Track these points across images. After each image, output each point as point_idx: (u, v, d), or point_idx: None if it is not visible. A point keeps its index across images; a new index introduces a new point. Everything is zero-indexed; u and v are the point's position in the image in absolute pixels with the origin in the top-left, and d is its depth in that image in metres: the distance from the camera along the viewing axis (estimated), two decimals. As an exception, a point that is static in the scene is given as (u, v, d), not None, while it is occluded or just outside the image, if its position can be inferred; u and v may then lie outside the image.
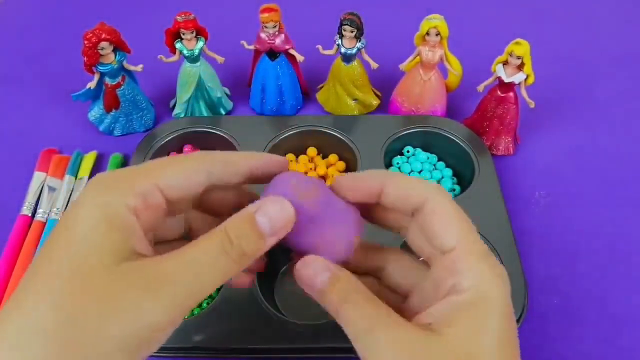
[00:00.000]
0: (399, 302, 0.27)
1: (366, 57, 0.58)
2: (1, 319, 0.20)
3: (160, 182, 0.23)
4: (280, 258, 0.49)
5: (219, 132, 0.56)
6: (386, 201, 0.26)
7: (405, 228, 0.27)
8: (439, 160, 0.57)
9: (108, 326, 0.20)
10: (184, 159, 0.25)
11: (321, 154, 0.58)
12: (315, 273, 0.24)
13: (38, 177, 0.54)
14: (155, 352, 0.43)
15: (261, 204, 0.24)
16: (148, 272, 0.21)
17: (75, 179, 0.55)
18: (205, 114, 0.61)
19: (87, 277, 0.20)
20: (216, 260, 0.22)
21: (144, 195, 0.23)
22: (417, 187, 0.25)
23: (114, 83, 0.56)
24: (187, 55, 0.57)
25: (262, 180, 0.27)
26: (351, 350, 0.39)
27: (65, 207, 0.52)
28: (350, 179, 0.26)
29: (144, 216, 0.23)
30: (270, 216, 0.23)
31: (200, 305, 0.46)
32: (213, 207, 0.28)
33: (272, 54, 0.58)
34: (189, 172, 0.24)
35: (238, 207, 0.25)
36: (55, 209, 0.51)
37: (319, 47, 0.58)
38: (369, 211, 0.28)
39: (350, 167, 0.55)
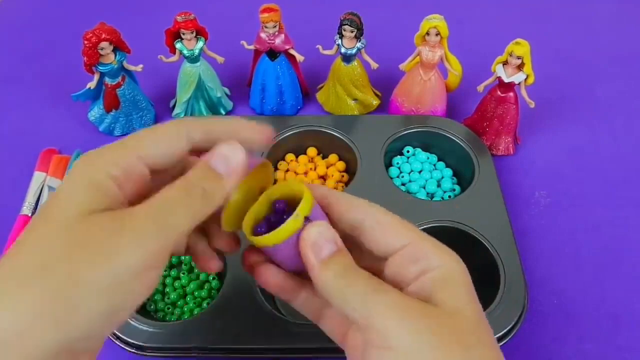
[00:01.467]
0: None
1: (366, 57, 0.58)
2: None
3: (142, 152, 0.25)
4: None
5: (219, 132, 0.56)
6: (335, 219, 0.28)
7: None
8: (439, 160, 0.57)
9: (80, 270, 0.21)
10: (163, 127, 0.26)
11: (321, 154, 0.58)
12: (323, 242, 0.25)
13: (38, 177, 0.54)
14: (155, 352, 0.43)
15: (214, 148, 0.26)
16: (119, 216, 0.22)
17: (75, 179, 0.55)
18: (205, 114, 0.61)
19: (62, 226, 0.22)
20: (181, 199, 0.24)
21: (126, 168, 0.24)
22: (357, 208, 0.27)
23: (114, 83, 0.56)
24: (187, 55, 0.57)
25: (243, 144, 0.28)
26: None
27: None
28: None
29: (128, 186, 0.24)
30: (224, 156, 0.26)
31: (200, 305, 0.46)
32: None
33: (272, 54, 0.58)
34: (169, 139, 0.25)
35: None
36: (55, 209, 0.51)
37: (319, 47, 0.58)
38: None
39: (350, 167, 0.55)
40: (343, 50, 0.56)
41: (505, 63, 0.53)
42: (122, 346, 0.41)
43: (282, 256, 0.27)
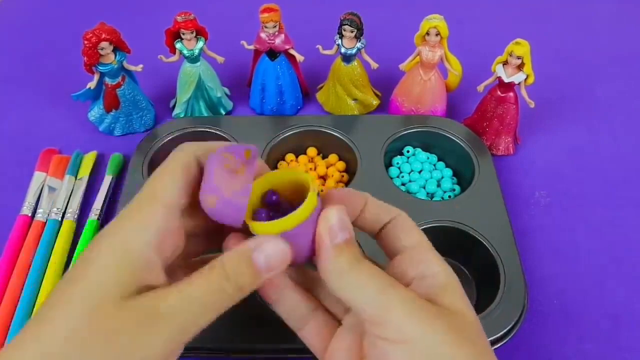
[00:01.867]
0: None
1: (366, 57, 0.58)
2: (21, 341, 0.22)
3: (167, 200, 0.25)
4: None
5: (218, 132, 0.56)
6: (367, 215, 0.29)
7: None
8: (439, 160, 0.57)
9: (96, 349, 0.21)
10: (171, 164, 0.26)
11: (321, 154, 0.58)
12: (339, 227, 0.25)
13: (38, 177, 0.54)
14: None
15: (259, 242, 0.25)
16: (150, 308, 0.23)
17: (75, 179, 0.55)
18: (205, 114, 0.61)
19: (94, 313, 0.22)
20: (213, 298, 0.24)
21: (160, 226, 0.24)
22: (389, 208, 0.29)
23: (114, 83, 0.56)
24: (187, 55, 0.57)
25: None
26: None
27: (66, 207, 0.52)
28: (342, 193, 0.29)
29: (167, 245, 0.24)
30: (267, 254, 0.25)
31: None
32: None
33: (272, 54, 0.58)
34: (184, 172, 0.26)
35: None
36: (55, 209, 0.51)
37: (319, 47, 0.58)
38: None
39: (350, 167, 0.55)
40: (343, 50, 0.56)
41: (505, 63, 0.53)
42: (122, 346, 0.41)
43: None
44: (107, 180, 0.54)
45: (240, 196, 0.24)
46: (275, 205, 0.27)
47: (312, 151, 0.57)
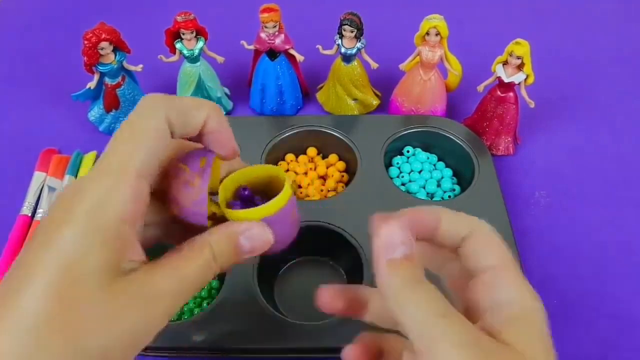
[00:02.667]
0: None
1: (366, 57, 0.58)
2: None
3: (138, 170, 0.23)
4: (280, 259, 0.49)
5: (219, 132, 0.56)
6: (441, 231, 0.26)
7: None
8: (439, 160, 0.57)
9: (92, 338, 0.21)
10: (140, 124, 0.24)
11: (321, 154, 0.58)
12: (396, 242, 0.23)
13: (38, 177, 0.54)
14: (155, 352, 0.43)
15: (247, 227, 0.25)
16: (139, 290, 0.22)
17: (75, 179, 0.55)
18: (205, 114, 0.61)
19: (78, 298, 0.21)
20: (202, 277, 0.24)
21: (134, 201, 0.22)
22: (466, 220, 0.26)
23: (114, 83, 0.56)
24: (187, 55, 0.57)
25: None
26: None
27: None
28: (411, 210, 0.26)
29: (140, 216, 0.23)
30: (253, 239, 0.25)
31: (200, 305, 0.46)
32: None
33: (272, 54, 0.58)
34: (155, 139, 0.24)
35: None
36: (55, 209, 0.51)
37: (319, 47, 0.58)
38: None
39: (350, 167, 0.55)
40: (343, 50, 0.56)
41: (505, 63, 0.53)
42: (122, 346, 0.41)
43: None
44: (107, 180, 0.54)
45: (199, 205, 0.25)
46: (248, 198, 0.28)
47: (312, 151, 0.57)
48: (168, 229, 0.28)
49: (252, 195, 0.28)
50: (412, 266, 0.23)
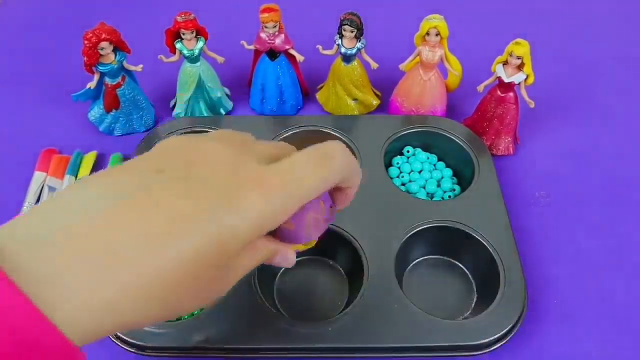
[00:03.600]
0: None
1: (366, 57, 0.58)
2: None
3: None
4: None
5: (219, 132, 0.56)
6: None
7: None
8: (439, 160, 0.57)
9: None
10: None
11: (321, 154, 0.58)
12: None
13: (38, 177, 0.54)
14: (155, 352, 0.43)
15: (288, 251, 0.30)
16: (229, 266, 0.26)
17: (75, 179, 0.55)
18: (205, 114, 0.61)
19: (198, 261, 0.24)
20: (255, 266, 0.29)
21: None
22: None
23: (114, 83, 0.56)
24: (187, 55, 0.57)
25: None
26: (351, 350, 0.39)
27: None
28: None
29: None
30: (281, 258, 0.30)
31: (200, 305, 0.46)
32: None
33: (272, 54, 0.58)
34: None
35: None
36: (55, 209, 0.51)
37: (319, 47, 0.58)
38: None
39: (350, 167, 0.55)
40: (343, 50, 0.56)
41: (505, 63, 0.53)
42: (122, 346, 0.41)
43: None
44: (107, 180, 0.54)
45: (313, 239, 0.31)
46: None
47: (312, 151, 0.57)
48: None
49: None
50: None
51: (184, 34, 0.55)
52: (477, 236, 0.47)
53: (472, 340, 0.41)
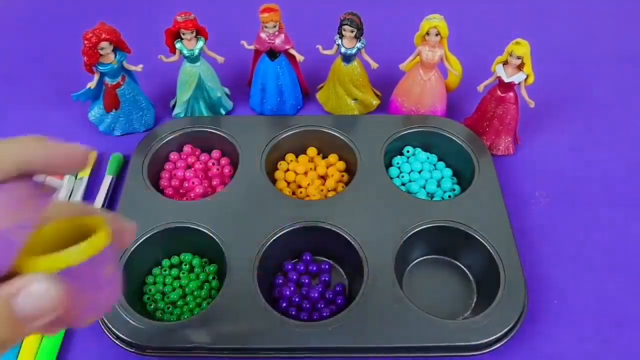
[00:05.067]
0: None
1: (366, 57, 0.58)
2: None
3: None
4: (281, 258, 0.49)
5: (219, 132, 0.56)
6: None
7: None
8: (439, 160, 0.57)
9: None
10: None
11: (321, 154, 0.58)
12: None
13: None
14: (155, 352, 0.43)
15: (25, 282, 0.20)
16: None
17: (75, 179, 0.55)
18: (205, 113, 0.61)
19: None
20: None
21: None
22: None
23: (114, 83, 0.56)
24: (187, 55, 0.57)
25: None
26: (351, 350, 0.39)
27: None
28: None
29: None
30: (33, 296, 0.20)
31: (200, 305, 0.46)
32: None
33: (272, 54, 0.58)
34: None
35: None
36: (55, 209, 0.51)
37: (319, 47, 0.58)
38: None
39: (350, 167, 0.55)
40: (343, 50, 0.56)
41: (505, 63, 0.53)
42: (122, 346, 0.41)
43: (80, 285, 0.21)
44: (107, 180, 0.54)
45: (20, 231, 0.19)
46: None
47: (312, 151, 0.57)
48: None
49: None
50: None
51: (184, 34, 0.55)
52: (477, 236, 0.47)
53: (472, 340, 0.41)
